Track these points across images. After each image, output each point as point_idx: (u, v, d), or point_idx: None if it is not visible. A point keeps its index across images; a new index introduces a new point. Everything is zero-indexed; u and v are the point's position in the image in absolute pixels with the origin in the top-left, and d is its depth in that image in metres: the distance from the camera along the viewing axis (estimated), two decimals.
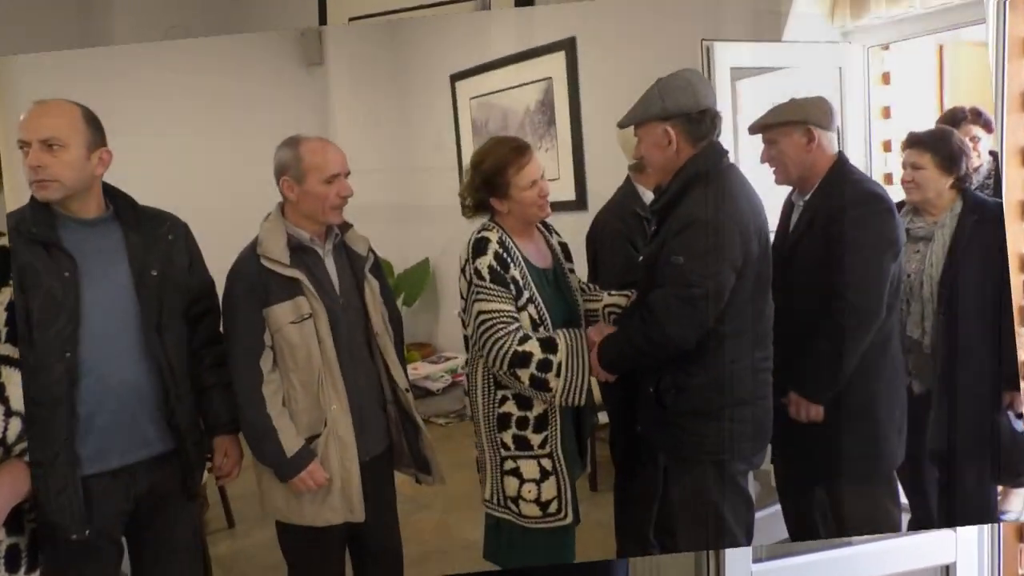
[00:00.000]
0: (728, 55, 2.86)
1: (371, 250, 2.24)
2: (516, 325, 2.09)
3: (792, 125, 2.25)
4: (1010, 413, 2.48)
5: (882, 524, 2.35)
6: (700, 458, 2.04)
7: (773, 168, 2.34)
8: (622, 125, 2.09)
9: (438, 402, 5.49)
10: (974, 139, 2.81)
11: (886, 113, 3.35)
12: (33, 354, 1.77)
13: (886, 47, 3.28)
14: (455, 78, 5.43)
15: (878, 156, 3.34)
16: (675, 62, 3.76)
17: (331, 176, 2.03)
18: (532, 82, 4.70)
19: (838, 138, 3.19)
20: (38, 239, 1.79)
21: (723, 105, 2.82)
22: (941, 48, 4.32)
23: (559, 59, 4.46)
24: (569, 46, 4.39)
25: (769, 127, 2.29)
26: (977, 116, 2.88)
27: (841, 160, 2.29)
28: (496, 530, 2.29)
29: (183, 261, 2.03)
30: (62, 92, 4.23)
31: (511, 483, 2.18)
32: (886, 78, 3.34)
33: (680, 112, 1.97)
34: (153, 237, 1.96)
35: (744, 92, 3.05)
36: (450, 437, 4.96)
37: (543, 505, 2.16)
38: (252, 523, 3.71)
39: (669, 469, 2.19)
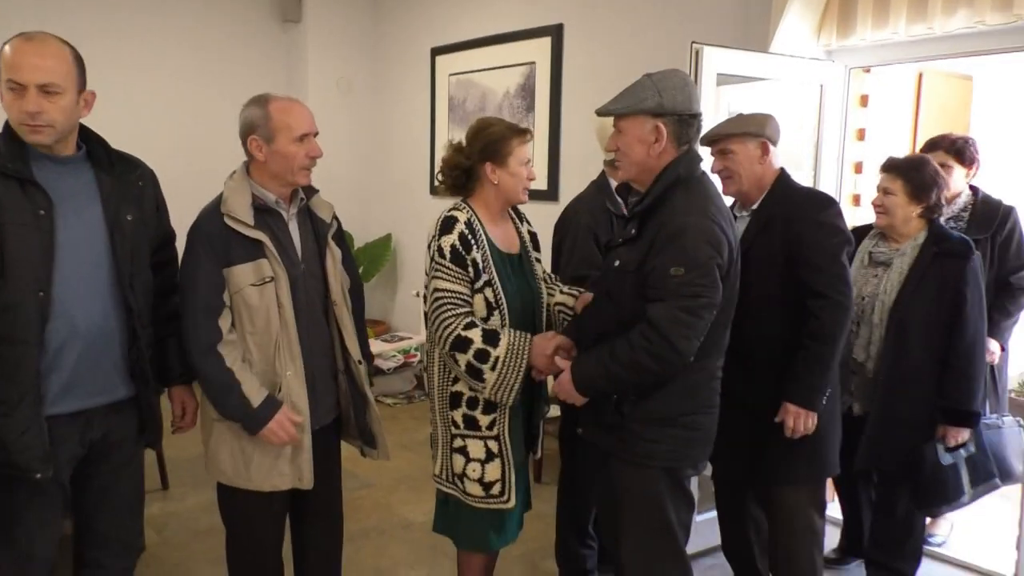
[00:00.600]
0: (716, 60, 2.85)
1: (335, 217, 2.17)
2: (466, 309, 2.07)
3: (749, 137, 2.26)
4: (939, 445, 2.46)
5: (804, 530, 2.34)
6: (653, 464, 1.98)
7: (724, 178, 2.33)
8: (605, 113, 2.02)
9: (388, 381, 5.43)
10: (945, 167, 2.83)
11: (861, 135, 3.39)
12: (6, 291, 1.69)
13: (868, 70, 3.31)
14: (436, 52, 5.40)
15: (848, 177, 3.39)
16: (662, 61, 3.74)
17: (301, 135, 1.95)
18: (515, 65, 4.66)
19: (814, 157, 3.24)
20: (12, 175, 1.70)
21: (707, 109, 2.84)
22: (920, 75, 4.41)
23: (544, 44, 4.42)
24: (556, 32, 4.35)
25: (729, 137, 2.29)
26: (952, 144, 2.90)
27: (785, 173, 2.31)
28: (445, 504, 2.29)
29: (151, 208, 1.97)
30: (32, 21, 4.03)
31: (458, 460, 2.16)
32: (864, 100, 3.38)
33: (675, 111, 1.91)
34: (125, 181, 1.89)
35: (726, 99, 3.05)
36: (396, 418, 4.93)
37: (486, 486, 2.14)
38: (187, 487, 3.63)
39: (615, 471, 2.07)
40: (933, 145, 2.91)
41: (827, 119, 3.22)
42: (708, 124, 2.84)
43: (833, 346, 2.16)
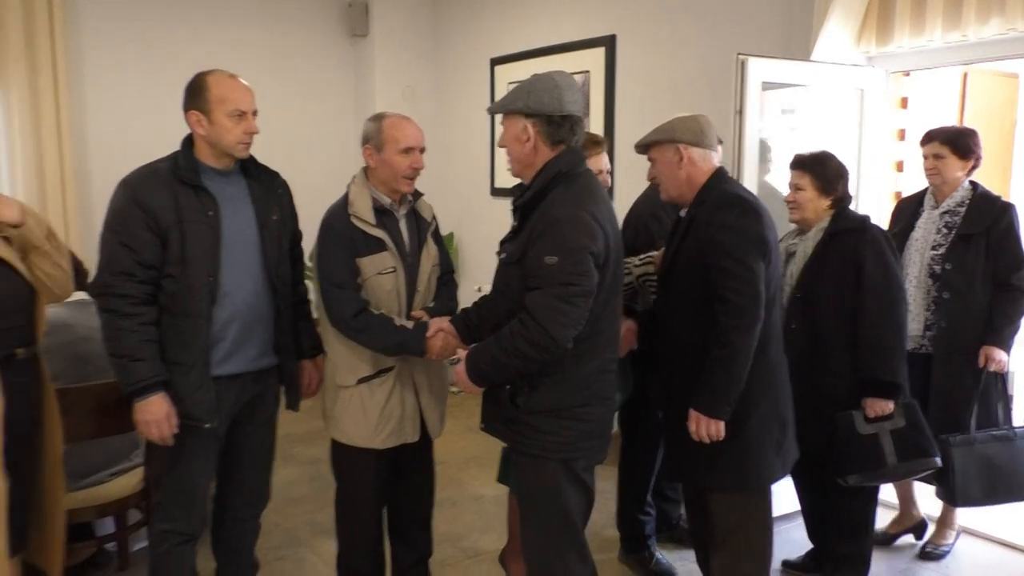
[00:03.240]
0: (760, 69, 3.07)
1: (434, 217, 2.49)
2: None
3: (664, 144, 2.24)
4: (856, 415, 2.45)
5: (736, 544, 2.27)
6: (548, 456, 2.02)
7: (658, 185, 2.34)
8: (492, 111, 2.13)
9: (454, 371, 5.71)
10: (937, 156, 2.83)
11: (901, 135, 3.57)
12: (185, 275, 2.09)
13: (907, 74, 3.49)
14: (495, 61, 5.72)
15: (891, 175, 3.58)
16: (711, 70, 3.98)
17: (406, 148, 2.26)
18: (571, 73, 4.86)
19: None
20: (189, 183, 2.11)
21: (752, 113, 3.07)
22: (965, 75, 4.53)
23: (599, 54, 4.69)
24: (609, 43, 4.61)
25: (647, 147, 2.29)
26: (947, 135, 2.85)
27: (718, 173, 2.23)
28: (505, 459, 2.63)
29: (288, 210, 2.37)
30: (123, 31, 4.37)
31: None
32: (904, 102, 3.55)
33: (542, 112, 1.97)
34: (269, 188, 2.30)
35: (772, 102, 3.27)
36: (462, 404, 5.22)
37: None
38: (279, 460, 3.99)
39: (515, 463, 2.14)
40: (930, 137, 2.89)
41: (868, 121, 3.42)
42: (752, 128, 3.09)
43: (732, 351, 2.06)
